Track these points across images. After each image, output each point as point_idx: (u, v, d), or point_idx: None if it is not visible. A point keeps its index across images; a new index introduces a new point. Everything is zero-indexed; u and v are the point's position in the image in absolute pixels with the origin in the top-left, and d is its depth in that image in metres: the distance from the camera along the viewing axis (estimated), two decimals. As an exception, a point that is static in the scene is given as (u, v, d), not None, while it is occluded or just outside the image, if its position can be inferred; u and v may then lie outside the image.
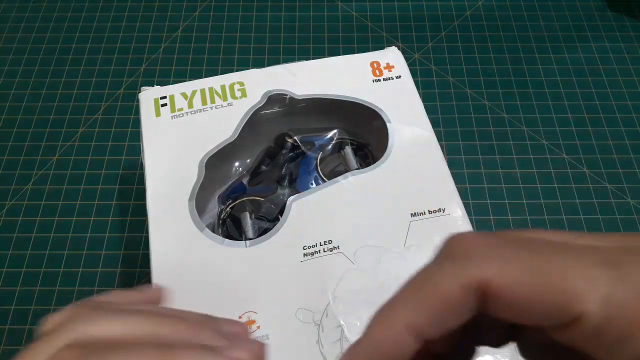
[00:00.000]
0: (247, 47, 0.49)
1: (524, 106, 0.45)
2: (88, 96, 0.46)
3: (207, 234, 0.27)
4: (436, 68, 0.47)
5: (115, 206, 0.40)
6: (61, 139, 0.43)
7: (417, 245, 0.27)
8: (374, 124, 0.32)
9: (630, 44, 0.49)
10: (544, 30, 0.50)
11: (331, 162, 0.34)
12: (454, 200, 0.28)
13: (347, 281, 0.26)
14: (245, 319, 0.25)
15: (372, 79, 0.33)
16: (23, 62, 0.48)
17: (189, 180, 0.29)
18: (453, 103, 0.45)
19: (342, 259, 0.26)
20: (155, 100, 0.32)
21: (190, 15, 0.51)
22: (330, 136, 0.35)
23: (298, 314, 0.25)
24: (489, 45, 0.49)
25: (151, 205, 0.28)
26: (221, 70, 0.47)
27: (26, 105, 0.45)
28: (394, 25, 0.50)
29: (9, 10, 0.51)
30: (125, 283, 0.37)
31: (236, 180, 0.34)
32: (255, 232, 0.31)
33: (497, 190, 0.41)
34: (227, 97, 0.32)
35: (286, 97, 0.32)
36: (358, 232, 0.27)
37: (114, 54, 0.48)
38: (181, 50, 0.48)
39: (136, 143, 0.43)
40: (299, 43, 0.49)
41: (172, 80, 0.46)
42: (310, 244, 0.27)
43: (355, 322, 0.25)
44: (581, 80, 0.46)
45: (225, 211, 0.32)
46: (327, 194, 0.29)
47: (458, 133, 0.43)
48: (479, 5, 0.52)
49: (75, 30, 0.50)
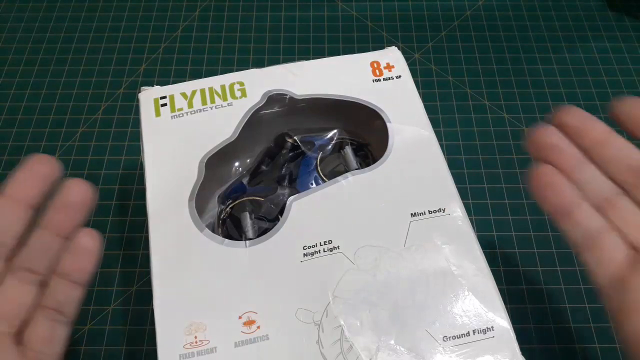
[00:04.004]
0: (247, 47, 0.49)
1: (524, 106, 0.45)
2: (88, 96, 0.46)
3: (207, 234, 0.27)
4: (436, 68, 0.47)
5: (115, 206, 0.40)
6: (61, 139, 0.43)
7: (417, 245, 0.27)
8: (374, 124, 0.32)
9: (630, 44, 0.49)
10: (544, 30, 0.50)
11: (331, 162, 0.34)
12: (454, 200, 0.28)
13: (347, 281, 0.26)
14: (245, 319, 0.25)
15: (372, 79, 0.33)
16: (23, 62, 0.48)
17: (189, 180, 0.29)
18: (453, 103, 0.45)
19: (342, 259, 0.26)
20: (155, 100, 0.32)
21: (190, 15, 0.51)
22: (330, 136, 0.35)
23: (298, 314, 0.25)
24: (489, 45, 0.49)
25: (151, 205, 0.28)
26: (221, 70, 0.47)
27: (26, 105, 0.45)
28: (394, 25, 0.50)
29: (9, 10, 0.51)
30: (125, 283, 0.37)
31: (236, 180, 0.34)
32: (255, 232, 0.31)
33: (497, 190, 0.41)
34: (227, 97, 0.32)
35: (286, 97, 0.32)
36: (358, 232, 0.27)
37: (114, 54, 0.48)
38: (181, 50, 0.48)
39: (136, 143, 0.43)
40: (299, 43, 0.49)
41: (172, 80, 0.46)
42: (310, 244, 0.27)
43: (355, 322, 0.25)
44: (581, 80, 0.46)
45: (225, 211, 0.32)
46: (327, 194, 0.29)
47: (458, 133, 0.43)
48: (479, 5, 0.52)
49: (75, 30, 0.50)
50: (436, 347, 0.24)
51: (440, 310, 0.25)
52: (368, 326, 0.25)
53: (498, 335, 0.24)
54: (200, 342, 0.24)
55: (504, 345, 0.24)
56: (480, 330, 0.25)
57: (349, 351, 0.24)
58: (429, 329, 0.25)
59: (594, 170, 0.24)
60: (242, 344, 0.24)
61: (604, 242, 0.23)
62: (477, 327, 0.25)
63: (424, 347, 0.24)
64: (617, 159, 0.24)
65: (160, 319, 0.25)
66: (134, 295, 0.36)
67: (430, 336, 0.24)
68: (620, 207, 0.24)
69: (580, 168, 0.24)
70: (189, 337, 0.24)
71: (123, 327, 0.35)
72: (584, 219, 0.24)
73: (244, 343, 0.24)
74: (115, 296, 0.36)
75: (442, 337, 0.24)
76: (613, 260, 0.23)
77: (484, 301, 0.25)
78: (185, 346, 0.24)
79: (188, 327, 0.25)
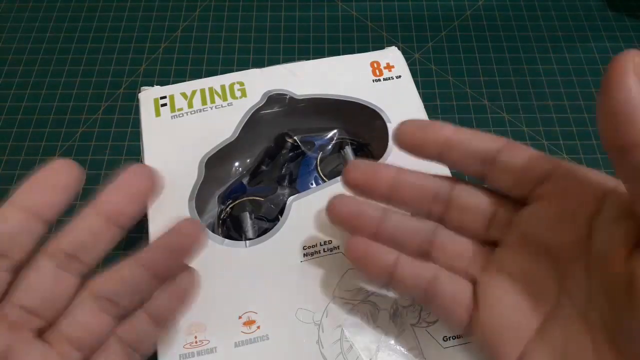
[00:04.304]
0: (247, 47, 0.49)
1: (524, 106, 0.45)
2: (88, 96, 0.46)
3: (207, 234, 0.27)
4: (436, 68, 0.47)
5: (115, 206, 0.40)
6: (61, 139, 0.43)
7: (417, 245, 0.27)
8: (374, 124, 0.32)
9: (630, 44, 0.49)
10: (544, 30, 0.50)
11: (331, 162, 0.34)
12: (454, 200, 0.28)
13: (347, 281, 0.26)
14: (245, 319, 0.25)
15: (372, 79, 0.33)
16: (23, 62, 0.48)
17: (189, 180, 0.29)
18: (453, 103, 0.45)
19: (342, 259, 0.26)
20: (155, 100, 0.32)
21: (190, 15, 0.51)
22: (330, 136, 0.35)
23: (298, 314, 0.25)
24: (489, 45, 0.49)
25: (151, 206, 0.28)
26: (221, 70, 0.47)
27: (26, 105, 0.45)
28: (394, 25, 0.50)
29: (9, 10, 0.51)
30: (125, 283, 0.36)
31: (236, 180, 0.34)
32: (255, 232, 0.31)
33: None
34: (227, 97, 0.32)
35: (286, 97, 0.32)
36: (358, 232, 0.27)
37: (114, 54, 0.48)
38: (181, 50, 0.48)
39: (136, 143, 0.43)
40: (299, 43, 0.49)
41: (172, 80, 0.46)
42: (310, 244, 0.27)
43: (355, 322, 0.25)
44: (581, 80, 0.46)
45: (225, 211, 0.32)
46: (327, 194, 0.29)
47: (458, 133, 0.43)
48: (479, 5, 0.52)
49: (75, 30, 0.50)
50: (436, 347, 0.24)
51: (440, 310, 0.25)
52: (368, 326, 0.25)
53: (498, 335, 0.24)
54: (200, 342, 0.24)
55: (504, 345, 0.24)
56: (480, 330, 0.25)
57: (349, 351, 0.24)
58: (429, 329, 0.25)
59: (399, 217, 0.23)
60: (242, 344, 0.24)
61: (439, 290, 0.22)
62: (477, 327, 0.25)
63: (424, 347, 0.24)
64: (415, 195, 0.23)
65: (160, 319, 0.25)
66: (134, 295, 0.36)
67: (430, 336, 0.24)
68: (441, 241, 0.22)
69: (385, 221, 0.23)
70: (189, 337, 0.24)
71: (123, 327, 0.35)
72: (409, 277, 0.22)
73: (244, 343, 0.24)
74: (115, 296, 0.36)
75: (442, 337, 0.24)
76: (457, 304, 0.22)
77: (484, 301, 0.25)
78: (185, 346, 0.24)
79: (188, 327, 0.25)
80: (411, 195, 0.23)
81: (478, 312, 0.21)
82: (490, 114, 0.45)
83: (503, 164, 0.21)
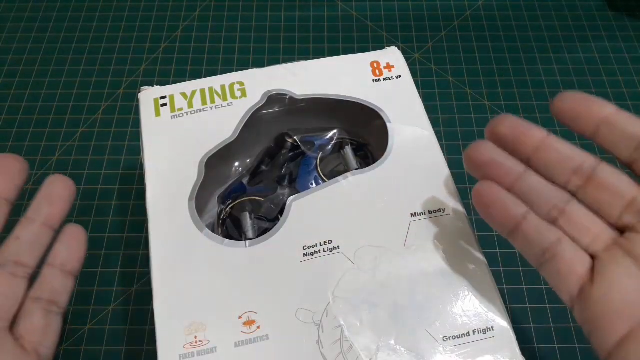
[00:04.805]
0: (247, 47, 0.49)
1: (524, 106, 0.45)
2: (88, 96, 0.46)
3: (207, 234, 0.27)
4: (436, 68, 0.47)
5: (115, 206, 0.40)
6: (61, 139, 0.43)
7: (417, 245, 0.27)
8: (374, 124, 0.32)
9: (630, 44, 0.49)
10: (544, 30, 0.50)
11: (331, 162, 0.34)
12: (454, 200, 0.28)
13: (347, 281, 0.26)
14: (245, 319, 0.25)
15: (372, 79, 0.33)
16: (23, 62, 0.48)
17: (189, 180, 0.29)
18: (453, 103, 0.45)
19: (342, 259, 0.26)
20: (155, 100, 0.32)
21: (190, 15, 0.51)
22: (330, 136, 0.35)
23: (298, 314, 0.25)
24: (489, 45, 0.49)
25: (151, 205, 0.28)
26: (221, 70, 0.47)
27: (26, 105, 0.45)
28: (394, 25, 0.50)
29: (9, 10, 0.51)
30: (125, 283, 0.37)
31: (236, 180, 0.34)
32: (255, 232, 0.31)
33: (497, 190, 0.41)
34: (227, 97, 0.32)
35: (286, 97, 0.32)
36: (358, 232, 0.27)
37: (114, 54, 0.48)
38: (181, 50, 0.48)
39: (136, 143, 0.43)
40: (299, 43, 0.49)
41: (172, 80, 0.46)
42: (310, 244, 0.27)
43: (355, 322, 0.25)
44: (581, 80, 0.46)
45: (225, 211, 0.32)
46: (327, 194, 0.29)
47: (458, 133, 0.43)
48: (479, 5, 0.52)
49: (75, 30, 0.50)
50: (436, 347, 0.24)
51: (440, 310, 0.25)
52: (368, 326, 0.25)
53: (498, 335, 0.24)
54: (200, 342, 0.24)
55: (504, 345, 0.24)
56: (480, 330, 0.25)
57: (349, 351, 0.24)
58: (429, 329, 0.25)
59: (538, 179, 0.23)
60: (242, 344, 0.24)
61: (559, 254, 0.22)
62: (477, 327, 0.25)
63: (424, 347, 0.24)
64: (559, 162, 0.23)
65: (160, 319, 0.25)
66: (134, 295, 0.36)
67: (430, 336, 0.24)
68: (571, 212, 0.23)
69: (523, 179, 0.23)
70: (189, 337, 0.24)
71: (123, 327, 0.35)
72: (533, 234, 0.23)
73: (244, 343, 0.24)
74: (115, 296, 0.36)
75: (442, 337, 0.24)
76: (572, 273, 0.22)
77: (484, 301, 0.25)
78: (185, 346, 0.24)
79: (188, 327, 0.25)
80: (555, 161, 0.23)
81: (592, 286, 0.21)
82: (490, 114, 0.45)
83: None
